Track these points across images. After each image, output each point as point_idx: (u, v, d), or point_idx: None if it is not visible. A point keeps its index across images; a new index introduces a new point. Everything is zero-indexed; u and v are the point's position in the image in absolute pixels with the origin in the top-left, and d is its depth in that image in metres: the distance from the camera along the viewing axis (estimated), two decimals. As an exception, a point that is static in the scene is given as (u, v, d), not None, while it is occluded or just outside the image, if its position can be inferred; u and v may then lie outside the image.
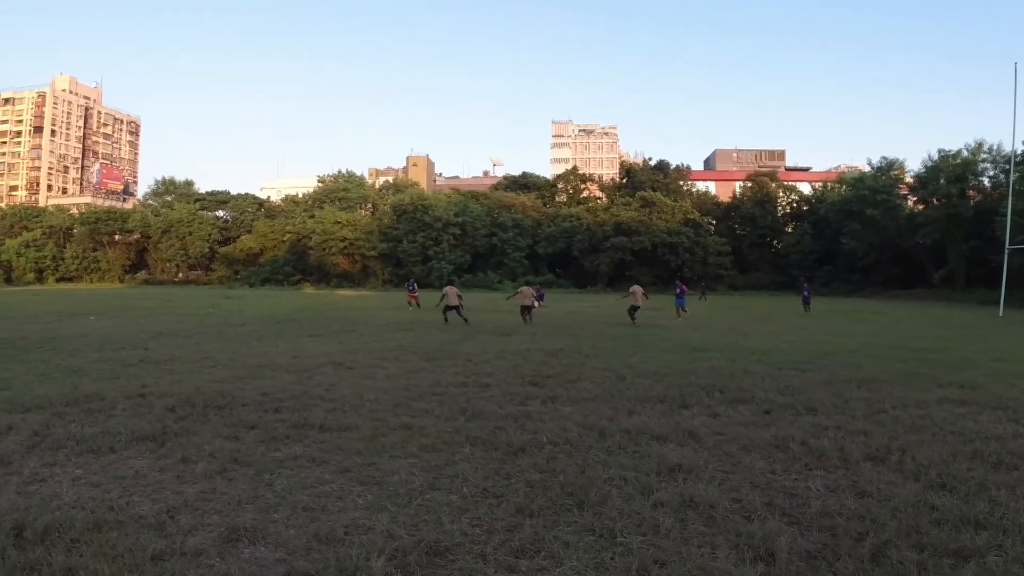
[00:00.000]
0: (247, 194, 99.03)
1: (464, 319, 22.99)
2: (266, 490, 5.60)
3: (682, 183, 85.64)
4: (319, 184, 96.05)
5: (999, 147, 55.98)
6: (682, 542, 4.62)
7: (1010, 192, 40.83)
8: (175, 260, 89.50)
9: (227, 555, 4.40)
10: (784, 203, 79.66)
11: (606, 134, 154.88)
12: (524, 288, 23.33)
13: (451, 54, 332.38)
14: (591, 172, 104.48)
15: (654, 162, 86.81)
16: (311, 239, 77.17)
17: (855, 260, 64.61)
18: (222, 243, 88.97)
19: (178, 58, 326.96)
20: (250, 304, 38.88)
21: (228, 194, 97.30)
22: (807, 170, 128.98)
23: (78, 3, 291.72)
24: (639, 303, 23.95)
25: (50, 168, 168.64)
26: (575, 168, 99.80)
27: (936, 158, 58.29)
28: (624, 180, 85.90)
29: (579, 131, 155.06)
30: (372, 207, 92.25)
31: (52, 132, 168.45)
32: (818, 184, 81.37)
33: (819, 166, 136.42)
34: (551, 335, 19.67)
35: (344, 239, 76.27)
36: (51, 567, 4.10)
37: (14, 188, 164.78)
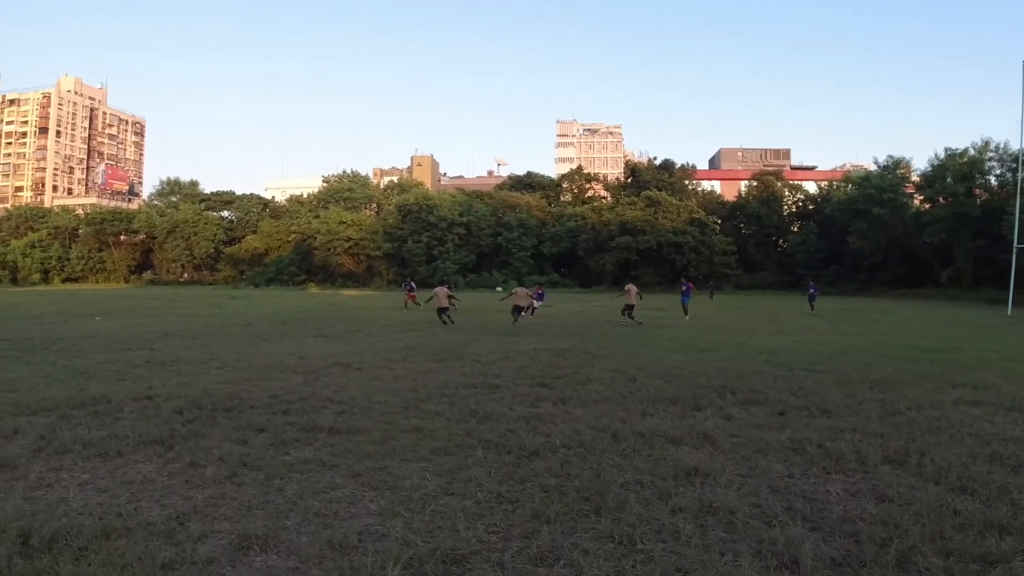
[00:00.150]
0: (252, 194, 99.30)
1: (449, 320, 22.93)
2: (277, 495, 5.50)
3: (687, 182, 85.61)
4: (324, 184, 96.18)
5: (1006, 145, 55.81)
6: (704, 549, 4.51)
7: (1018, 191, 40.51)
8: (180, 260, 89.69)
9: (238, 564, 4.30)
10: (790, 202, 79.56)
11: (611, 133, 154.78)
12: (519, 289, 23.33)
13: (455, 54, 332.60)
14: (596, 172, 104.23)
15: (659, 161, 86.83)
16: (316, 239, 77.26)
17: (861, 259, 64.39)
18: (227, 243, 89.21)
19: (183, 59, 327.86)
20: (255, 304, 38.87)
21: (233, 194, 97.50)
22: (812, 169, 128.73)
23: (83, 5, 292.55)
24: (633, 302, 23.93)
25: (55, 169, 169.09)
26: (580, 168, 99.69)
27: (943, 157, 57.98)
28: (629, 179, 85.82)
29: (584, 130, 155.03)
30: (377, 207, 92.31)
31: (57, 133, 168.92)
32: (824, 183, 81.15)
33: (824, 165, 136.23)
34: (558, 335, 19.58)
35: (349, 239, 76.32)
36: (59, 577, 4.01)
37: (19, 189, 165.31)
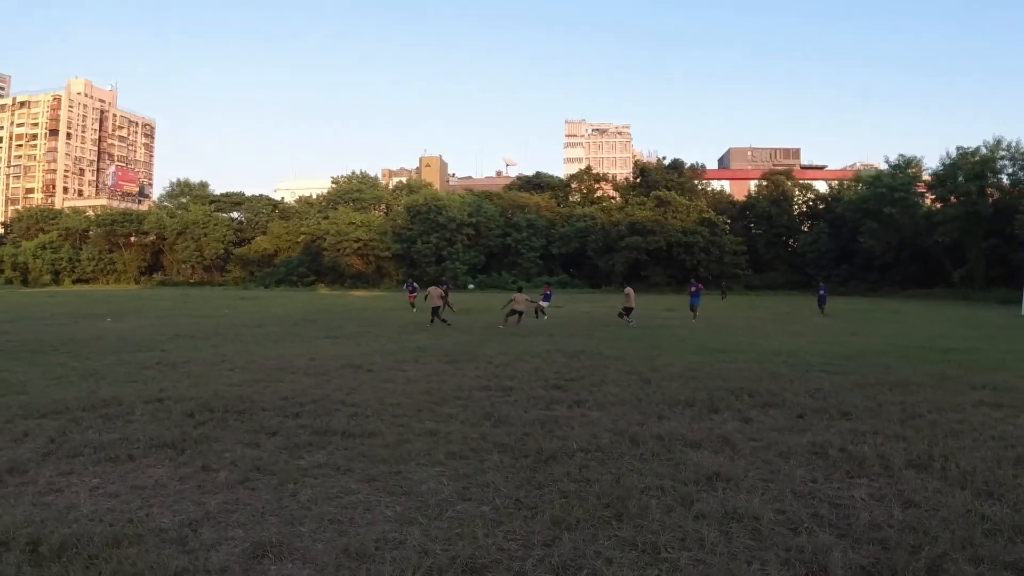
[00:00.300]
0: (262, 195, 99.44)
1: (436, 320, 23.21)
2: (290, 501, 5.40)
3: (697, 182, 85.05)
4: (333, 185, 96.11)
5: (1018, 144, 55.40)
6: (730, 558, 4.38)
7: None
8: (190, 261, 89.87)
9: (252, 572, 4.20)
10: (800, 202, 79.11)
11: (619, 133, 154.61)
12: (517, 295, 23.35)
13: (463, 54, 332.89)
14: (605, 172, 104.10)
15: (668, 161, 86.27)
16: (325, 240, 77.28)
17: (872, 259, 63.88)
18: (237, 244, 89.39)
19: (192, 61, 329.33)
20: (265, 305, 38.88)
21: (243, 195, 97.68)
22: (822, 168, 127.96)
23: (93, 8, 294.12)
24: (632, 304, 23.87)
25: (66, 171, 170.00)
26: (589, 168, 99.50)
27: (954, 155, 57.58)
28: (638, 179, 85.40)
29: (592, 130, 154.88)
30: (386, 208, 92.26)
31: (68, 135, 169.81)
32: (834, 182, 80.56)
33: (834, 164, 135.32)
34: (569, 336, 19.46)
35: (358, 240, 76.31)
36: (69, 586, 3.92)
37: (30, 191, 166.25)
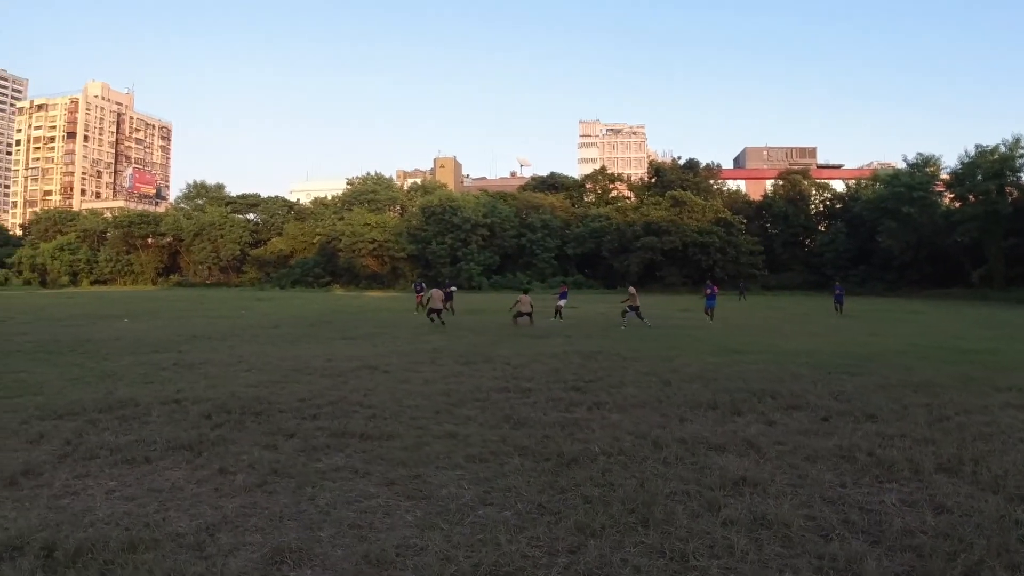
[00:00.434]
0: (277, 197, 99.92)
1: (441, 321, 23.61)
2: (309, 505, 5.31)
3: (712, 182, 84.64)
4: (348, 186, 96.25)
5: (1037, 142, 54.55)
6: (760, 566, 4.25)
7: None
8: (207, 262, 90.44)
9: (272, 579, 4.11)
10: (817, 201, 78.48)
11: (634, 133, 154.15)
12: (523, 297, 23.45)
13: (478, 56, 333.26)
14: (619, 172, 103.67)
15: (683, 161, 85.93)
16: (340, 241, 77.44)
17: (891, 259, 63.24)
18: (253, 245, 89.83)
19: (208, 64, 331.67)
20: (281, 306, 38.98)
21: (259, 197, 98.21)
22: (839, 167, 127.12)
23: (110, 11, 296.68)
24: (638, 304, 23.79)
25: (83, 173, 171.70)
26: (603, 168, 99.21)
27: (973, 154, 56.94)
28: (653, 179, 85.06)
29: (607, 131, 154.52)
30: (401, 209, 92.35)
31: (85, 138, 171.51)
32: (851, 182, 79.95)
33: (851, 163, 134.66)
34: (586, 337, 19.33)
35: (373, 241, 76.43)
36: (84, 593, 3.84)
37: (48, 193, 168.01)
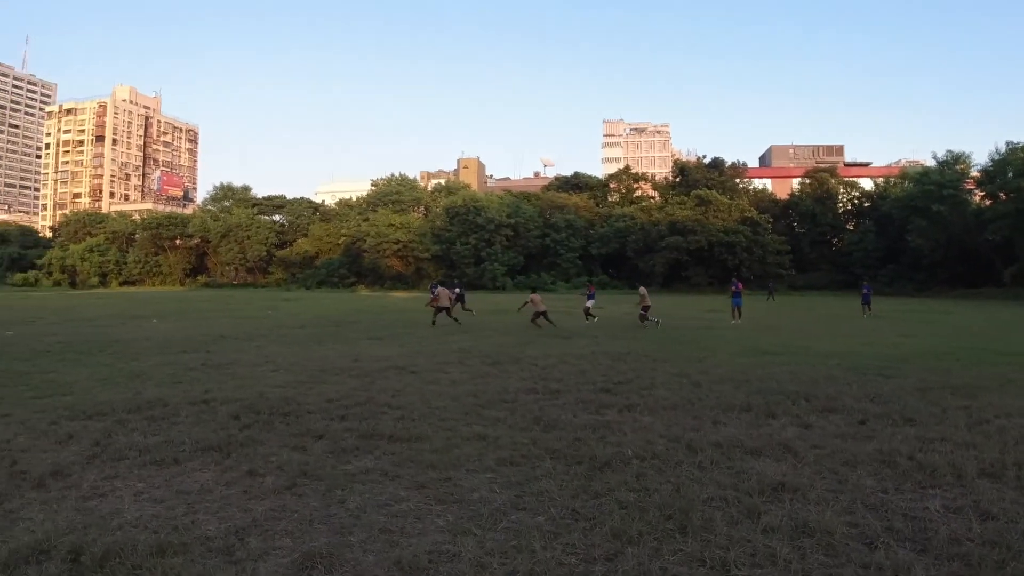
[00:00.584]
0: (302, 198, 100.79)
1: (447, 317, 23.63)
2: (338, 508, 5.23)
3: (738, 181, 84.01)
4: (372, 188, 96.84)
5: (1069, 138, 53.58)
6: (805, 575, 4.10)
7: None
8: (234, 263, 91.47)
9: (302, 585, 4.02)
10: (845, 200, 77.56)
11: (658, 132, 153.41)
12: (534, 296, 23.35)
13: (500, 56, 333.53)
14: (643, 171, 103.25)
15: (708, 160, 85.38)
16: (365, 242, 77.87)
17: (920, 258, 62.35)
18: (279, 246, 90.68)
19: (234, 67, 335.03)
20: (307, 306, 39.20)
21: (284, 199, 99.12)
22: (867, 165, 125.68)
23: (137, 17, 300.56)
24: (649, 303, 23.56)
25: (112, 176, 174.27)
26: (627, 167, 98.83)
27: (1004, 151, 56.09)
28: (678, 179, 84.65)
29: (630, 130, 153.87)
30: (425, 209, 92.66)
31: (114, 141, 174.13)
32: (880, 180, 78.96)
33: (879, 161, 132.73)
34: (613, 338, 19.15)
35: (398, 241, 76.78)
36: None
37: (78, 195, 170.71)
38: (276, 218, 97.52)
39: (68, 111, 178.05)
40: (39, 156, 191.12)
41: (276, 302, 44.30)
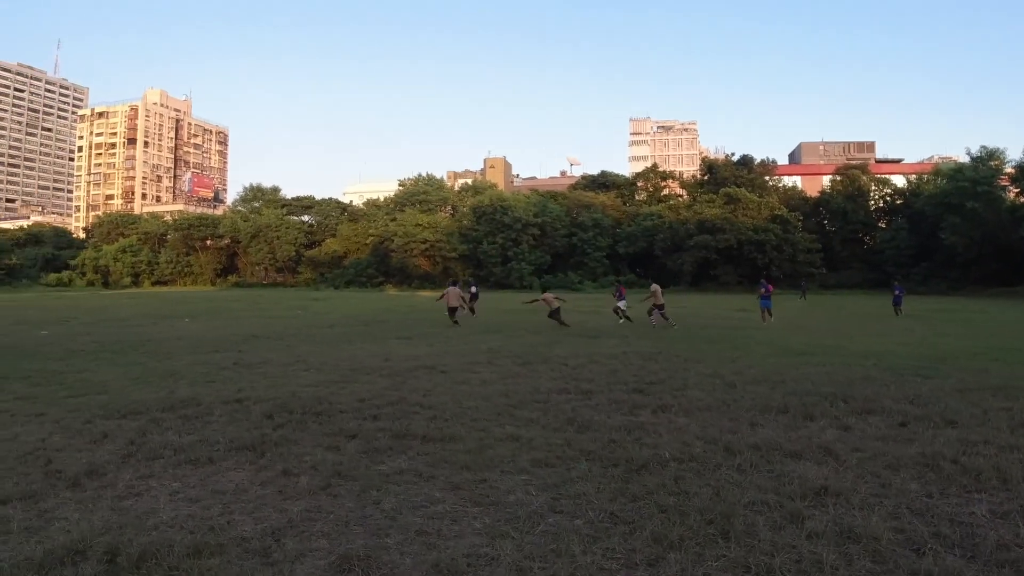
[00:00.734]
0: (331, 199, 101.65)
1: (455, 321, 23.55)
2: (374, 509, 5.19)
3: (767, 178, 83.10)
4: (400, 188, 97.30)
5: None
6: (854, 583, 3.98)
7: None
8: (263, 263, 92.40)
9: (340, 588, 3.98)
10: (877, 197, 76.31)
11: (685, 130, 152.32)
12: (546, 295, 23.26)
13: (526, 55, 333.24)
14: (671, 169, 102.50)
15: (737, 157, 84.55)
16: (393, 241, 78.27)
17: (954, 256, 61.11)
18: (307, 247, 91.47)
19: (263, 70, 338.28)
20: (336, 306, 39.42)
21: (313, 199, 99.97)
22: (899, 162, 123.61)
23: (166, 21, 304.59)
24: (662, 301, 23.24)
25: (144, 177, 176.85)
26: (655, 166, 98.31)
27: (1039, 146, 54.84)
28: (706, 177, 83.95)
29: (657, 128, 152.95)
30: (452, 209, 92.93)
31: (145, 143, 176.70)
32: (912, 176, 77.58)
33: (911, 157, 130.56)
34: (641, 337, 19.00)
35: (425, 241, 77.06)
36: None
37: (110, 197, 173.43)
38: (305, 218, 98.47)
39: (100, 114, 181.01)
40: (72, 159, 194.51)
41: (305, 302, 44.59)
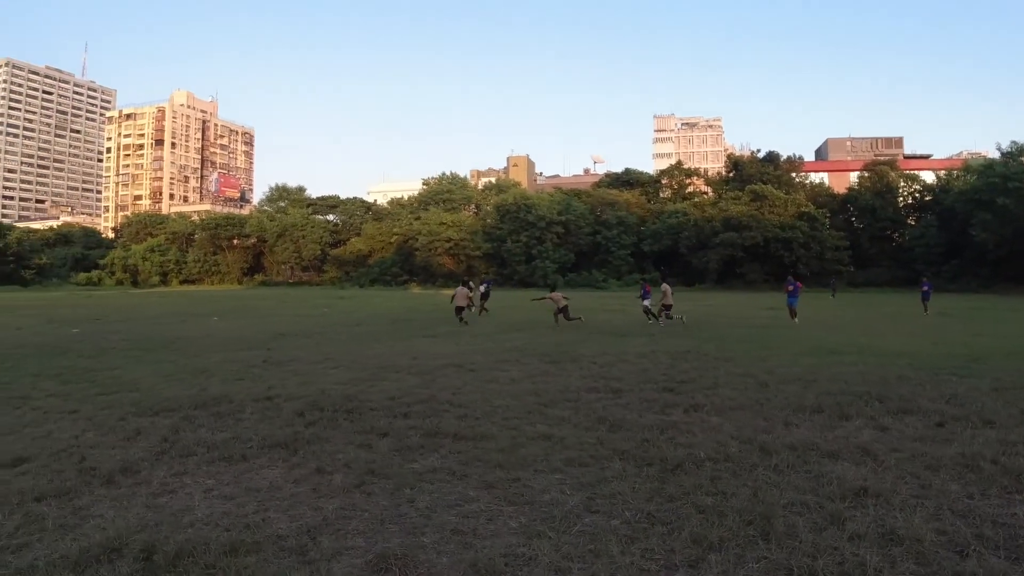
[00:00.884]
0: (355, 198, 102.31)
1: (462, 319, 23.43)
2: (408, 508, 5.17)
3: (794, 175, 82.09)
4: (424, 187, 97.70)
5: None
6: (898, 586, 3.90)
7: None
8: (289, 262, 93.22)
9: (378, 587, 3.96)
10: (905, 193, 75.04)
11: (710, 127, 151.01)
12: (554, 294, 23.26)
13: (549, 54, 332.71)
14: (696, 167, 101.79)
15: (763, 154, 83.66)
16: (417, 240, 78.54)
17: (985, 253, 59.92)
18: (333, 245, 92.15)
19: (287, 70, 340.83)
20: (362, 304, 39.61)
21: (338, 199, 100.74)
22: (927, 158, 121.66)
23: (192, 23, 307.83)
24: (671, 301, 23.06)
25: (171, 178, 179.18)
26: (679, 163, 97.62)
27: (1071, 140, 53.73)
28: (731, 173, 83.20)
29: (682, 125, 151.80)
30: (475, 208, 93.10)
31: (172, 144, 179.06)
32: (942, 172, 76.27)
33: (940, 153, 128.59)
34: (671, 336, 18.86)
35: (449, 240, 77.24)
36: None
37: (139, 197, 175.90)
38: (330, 218, 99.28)
39: (128, 116, 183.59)
40: (100, 160, 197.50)
41: (331, 300, 44.89)
